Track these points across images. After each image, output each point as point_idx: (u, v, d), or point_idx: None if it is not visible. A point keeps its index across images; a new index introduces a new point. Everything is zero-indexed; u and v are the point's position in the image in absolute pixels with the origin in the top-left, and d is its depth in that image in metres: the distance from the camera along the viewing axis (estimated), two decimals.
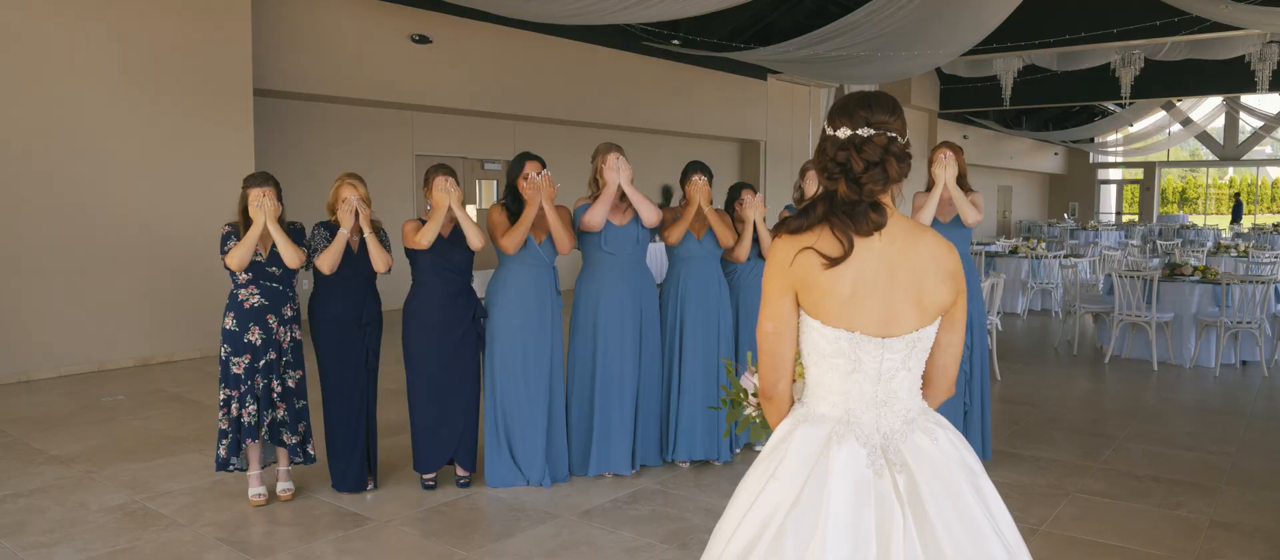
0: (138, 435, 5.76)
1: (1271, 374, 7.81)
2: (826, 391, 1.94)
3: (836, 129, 1.89)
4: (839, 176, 1.88)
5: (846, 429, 1.89)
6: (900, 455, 1.88)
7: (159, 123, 8.20)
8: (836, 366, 1.91)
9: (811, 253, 1.86)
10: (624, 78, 13.92)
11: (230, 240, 4.28)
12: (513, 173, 4.73)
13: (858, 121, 1.86)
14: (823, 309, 1.88)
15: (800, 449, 1.89)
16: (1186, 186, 43.00)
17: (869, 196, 1.86)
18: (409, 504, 4.49)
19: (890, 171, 1.86)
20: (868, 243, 1.86)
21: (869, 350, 1.89)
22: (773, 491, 1.87)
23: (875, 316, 1.88)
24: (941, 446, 1.92)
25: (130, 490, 4.67)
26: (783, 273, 1.91)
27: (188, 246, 8.33)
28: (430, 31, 11.00)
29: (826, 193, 1.90)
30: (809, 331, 1.93)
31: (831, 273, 1.85)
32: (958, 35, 13.02)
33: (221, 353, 4.33)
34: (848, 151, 1.86)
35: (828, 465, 1.85)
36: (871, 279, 1.87)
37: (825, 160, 1.90)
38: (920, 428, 1.93)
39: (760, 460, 1.98)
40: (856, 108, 1.88)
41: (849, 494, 1.82)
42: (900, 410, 1.93)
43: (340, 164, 10.77)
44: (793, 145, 18.18)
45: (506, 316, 4.66)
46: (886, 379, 1.91)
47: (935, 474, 1.87)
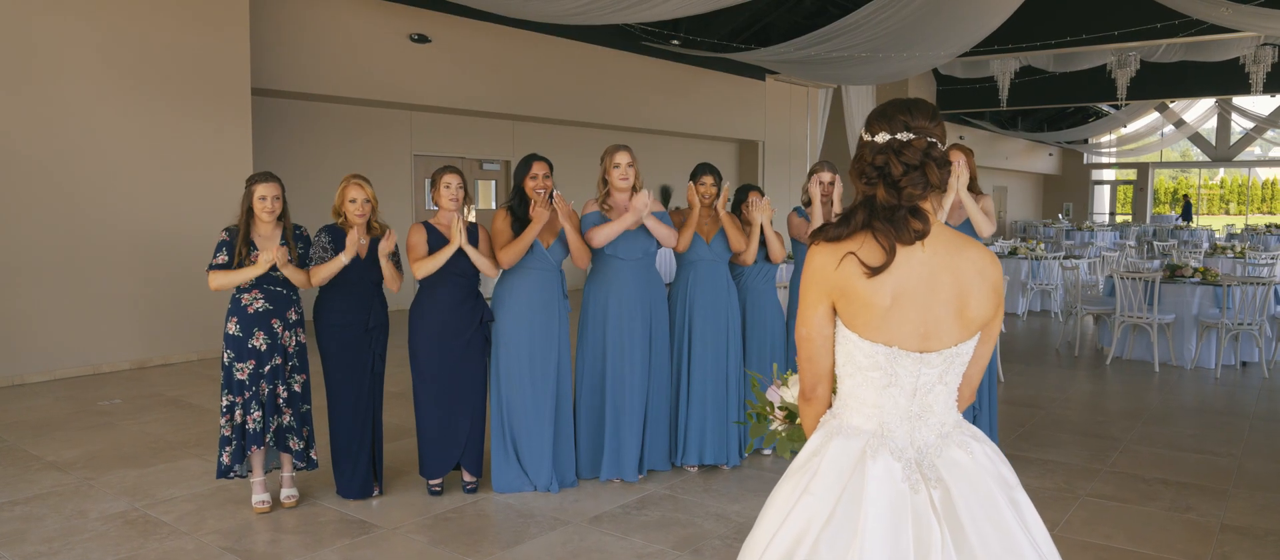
0: (136, 440, 5.69)
1: (1271, 375, 7.81)
2: (861, 403, 1.90)
3: (875, 134, 1.86)
4: (877, 181, 1.85)
5: (881, 443, 1.86)
6: (935, 470, 1.85)
7: (155, 122, 8.13)
8: (872, 380, 1.87)
9: (853, 259, 1.82)
10: (623, 78, 13.88)
11: (221, 251, 4.18)
12: (519, 175, 4.66)
13: (897, 126, 1.84)
14: (861, 321, 1.84)
15: (834, 463, 1.86)
16: (1178, 187, 43.14)
17: (908, 201, 1.83)
18: (415, 510, 4.44)
19: (930, 176, 1.83)
20: (910, 252, 1.82)
21: (906, 365, 1.85)
22: (806, 506, 1.83)
23: (914, 330, 1.84)
24: (977, 460, 1.88)
25: (130, 497, 4.61)
26: (822, 280, 1.87)
27: (185, 247, 8.26)
28: (429, 31, 10.95)
29: (866, 199, 1.86)
30: (845, 343, 1.89)
31: (872, 282, 1.81)
32: (956, 36, 13.03)
33: (224, 358, 4.27)
34: (887, 156, 1.83)
35: (863, 480, 1.81)
36: (912, 290, 1.83)
37: (863, 165, 1.87)
38: (955, 441, 1.90)
39: (791, 473, 1.94)
40: (896, 113, 1.86)
41: (885, 510, 1.78)
42: (935, 424, 1.90)
43: (339, 164, 10.72)
44: (791, 146, 18.17)
45: (514, 321, 4.61)
46: (922, 393, 1.87)
47: (971, 488, 1.84)
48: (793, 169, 18.19)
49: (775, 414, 2.27)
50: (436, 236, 4.50)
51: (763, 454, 5.34)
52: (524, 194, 4.64)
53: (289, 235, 4.37)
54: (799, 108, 18.31)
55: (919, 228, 1.82)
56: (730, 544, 4.03)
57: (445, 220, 4.56)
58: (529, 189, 4.62)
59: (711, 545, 4.01)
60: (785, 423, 2.25)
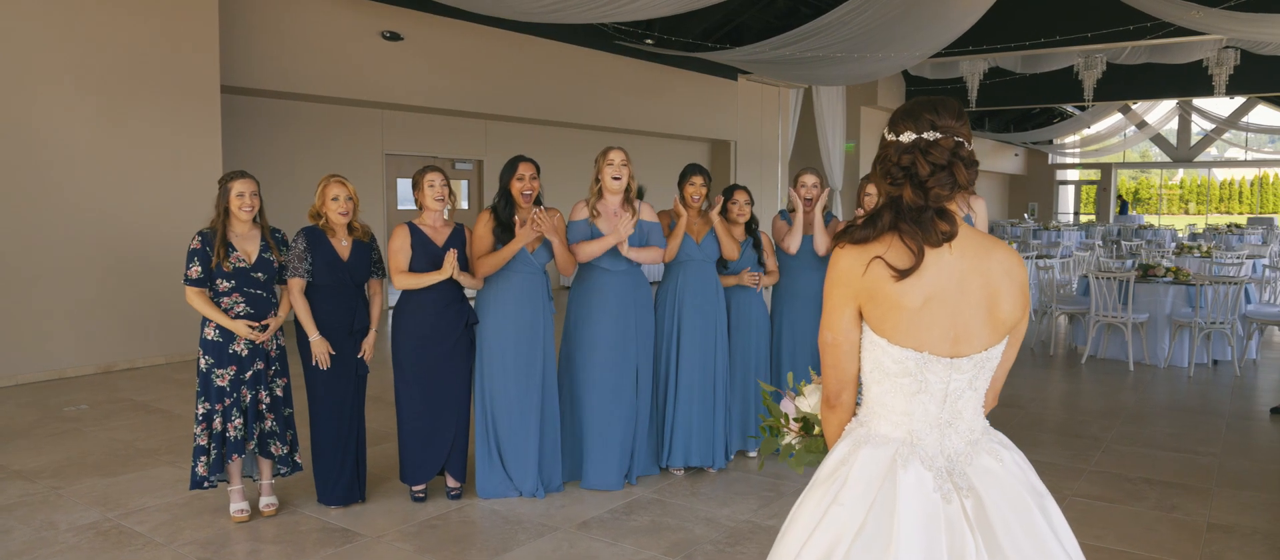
0: (105, 447, 5.52)
1: (1243, 373, 7.93)
2: (889, 411, 1.85)
3: (900, 134, 1.82)
4: (903, 182, 1.80)
5: (911, 451, 1.81)
6: (966, 478, 1.81)
7: (121, 121, 7.91)
8: (902, 387, 1.82)
9: (881, 263, 1.77)
10: (597, 77, 13.80)
11: (194, 262, 4.04)
12: (505, 176, 4.56)
13: (923, 125, 1.79)
14: (890, 324, 1.79)
15: (863, 472, 1.81)
16: (1139, 187, 43.93)
17: (935, 201, 1.78)
18: (399, 517, 4.34)
19: (958, 176, 1.78)
20: (938, 254, 1.78)
21: (937, 371, 1.80)
22: (836, 517, 1.78)
23: (944, 334, 1.79)
24: (1008, 468, 1.84)
25: (101, 507, 4.46)
26: (848, 283, 1.82)
27: (151, 249, 8.05)
28: (402, 28, 10.79)
29: (891, 200, 1.81)
30: (873, 349, 1.84)
31: (901, 285, 1.76)
32: (928, 37, 13.11)
33: (201, 364, 4.13)
34: (913, 155, 1.79)
35: (894, 490, 1.76)
36: (942, 293, 1.78)
37: (889, 166, 1.82)
38: (985, 449, 1.86)
39: (818, 482, 1.88)
40: (922, 112, 1.81)
41: (918, 521, 1.73)
42: (964, 431, 1.86)
43: (309, 163, 10.53)
44: (763, 145, 18.19)
45: (499, 324, 4.52)
46: (952, 399, 1.83)
47: (1003, 496, 1.79)
48: (764, 169, 18.22)
49: (790, 427, 2.20)
50: (422, 239, 4.40)
51: (749, 456, 5.30)
52: (509, 195, 4.54)
53: (268, 236, 4.24)
54: (770, 108, 18.35)
55: (946, 229, 1.78)
56: (722, 549, 3.98)
57: (431, 221, 4.46)
58: (516, 192, 4.52)
59: (703, 550, 3.96)
60: (801, 435, 2.19)
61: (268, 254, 4.20)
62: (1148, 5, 9.95)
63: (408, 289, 4.37)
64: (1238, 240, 18.43)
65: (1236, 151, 32.24)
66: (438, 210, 4.43)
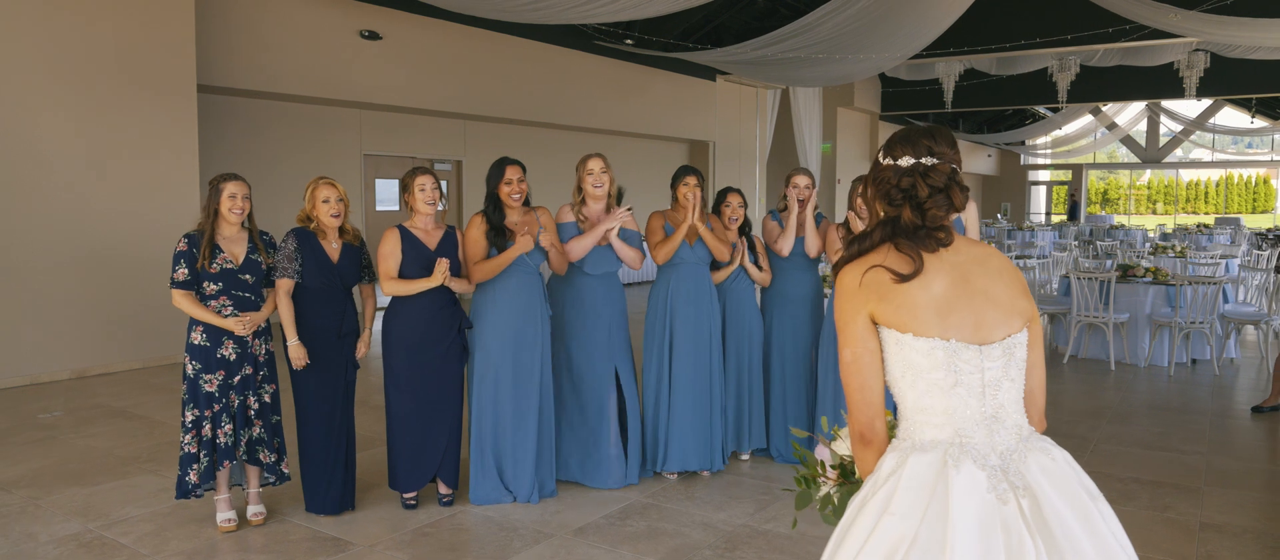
0: (83, 455, 5.38)
1: (1222, 372, 8.02)
2: (930, 414, 1.82)
3: (898, 159, 1.90)
4: (903, 203, 1.88)
5: (961, 451, 1.77)
6: (1022, 477, 1.76)
7: (95, 119, 7.74)
8: (937, 383, 1.80)
9: (880, 269, 1.83)
10: (576, 77, 13.73)
11: (180, 264, 3.94)
12: (493, 180, 4.50)
13: (921, 150, 1.89)
14: (907, 317, 1.80)
15: (914, 478, 1.76)
16: (1108, 187, 44.55)
17: (933, 222, 1.87)
18: (391, 525, 4.26)
19: (954, 199, 1.88)
20: (937, 258, 1.85)
21: (968, 359, 1.79)
22: (889, 528, 1.72)
23: (964, 321, 1.81)
24: (1061, 466, 1.81)
25: (82, 518, 4.34)
26: (852, 294, 1.87)
27: (127, 250, 7.89)
28: (380, 27, 10.67)
29: (888, 219, 1.89)
30: (900, 348, 1.81)
31: (909, 285, 1.81)
32: (905, 39, 13.18)
33: (188, 370, 4.03)
34: (913, 178, 1.87)
35: (947, 494, 1.71)
36: (950, 290, 1.83)
37: (887, 188, 1.90)
38: (1036, 447, 1.83)
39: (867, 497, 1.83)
40: (919, 138, 1.90)
41: (973, 525, 1.68)
42: (1012, 427, 1.83)
43: (287, 164, 10.38)
44: (741, 146, 18.21)
45: (495, 327, 4.45)
46: (991, 391, 1.81)
47: (1061, 496, 1.75)
48: (742, 169, 18.24)
49: (827, 474, 2.14)
50: (413, 243, 4.32)
51: (741, 458, 5.27)
52: (498, 199, 4.49)
53: (256, 238, 4.15)
54: (748, 108, 18.37)
55: (943, 237, 1.87)
56: (721, 554, 3.94)
57: (422, 224, 4.38)
58: (505, 195, 4.47)
59: (702, 555, 3.92)
60: (840, 482, 2.13)
61: (255, 256, 4.11)
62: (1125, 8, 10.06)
63: (396, 294, 4.29)
64: (1207, 240, 18.71)
65: (1201, 153, 32.81)
66: (428, 214, 4.36)
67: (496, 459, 4.50)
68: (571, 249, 4.64)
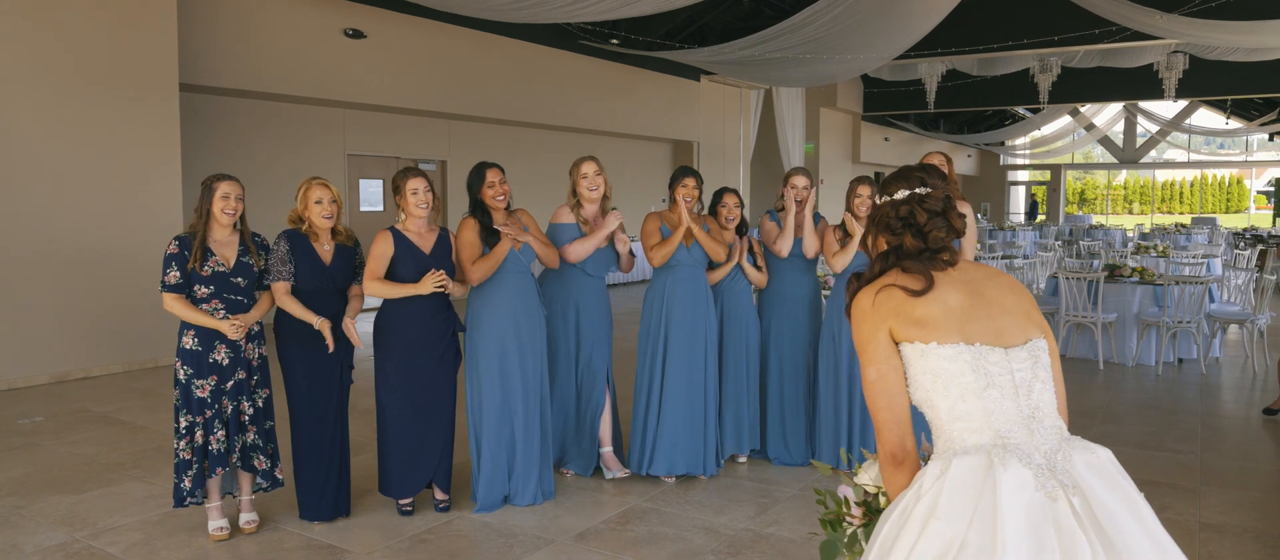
0: (66, 462, 5.26)
1: (1208, 371, 8.08)
2: (968, 419, 1.78)
3: (894, 193, 2.00)
4: (903, 231, 1.95)
5: (1005, 451, 1.73)
6: (1069, 475, 1.72)
7: (76, 119, 7.59)
8: (969, 386, 1.77)
9: (893, 288, 1.88)
10: (561, 77, 13.67)
11: (172, 267, 3.84)
12: (475, 185, 4.44)
13: (914, 182, 1.98)
14: (928, 328, 1.81)
15: (959, 480, 1.72)
16: (1085, 187, 45.01)
17: (935, 243, 1.93)
18: (388, 533, 4.18)
19: (953, 222, 1.95)
20: (946, 275, 1.90)
21: (995, 360, 1.78)
22: (936, 533, 1.68)
23: (983, 329, 1.82)
24: (1105, 464, 1.78)
25: (69, 527, 4.23)
26: (868, 315, 1.90)
27: (107, 252, 7.74)
28: (364, 26, 10.55)
29: (891, 249, 1.96)
30: (925, 359, 1.79)
31: (924, 299, 1.85)
32: (891, 40, 13.21)
33: (180, 375, 3.93)
34: (911, 206, 1.95)
35: (995, 494, 1.67)
36: (965, 301, 1.86)
37: (890, 220, 1.97)
38: (1078, 446, 1.80)
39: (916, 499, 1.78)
40: (912, 172, 2.01)
41: (1024, 524, 1.64)
42: (1052, 427, 1.80)
43: (270, 164, 10.24)
44: (725, 146, 18.20)
45: (490, 330, 4.38)
46: (1025, 392, 1.79)
47: (1110, 492, 1.72)
48: (726, 170, 18.23)
49: (852, 513, 2.10)
50: (407, 246, 4.23)
51: (738, 461, 5.23)
52: (481, 204, 4.43)
53: (248, 240, 4.06)
54: (732, 109, 18.37)
55: (948, 258, 1.93)
56: (725, 559, 3.90)
57: (415, 227, 4.30)
58: (488, 199, 4.43)
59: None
60: (865, 521, 2.08)
61: (247, 259, 4.01)
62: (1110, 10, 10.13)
63: (378, 296, 4.20)
64: (1186, 240, 18.90)
65: (1175, 153, 33.18)
66: (422, 217, 4.28)
67: (494, 463, 4.43)
68: (570, 252, 4.67)
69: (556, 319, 4.75)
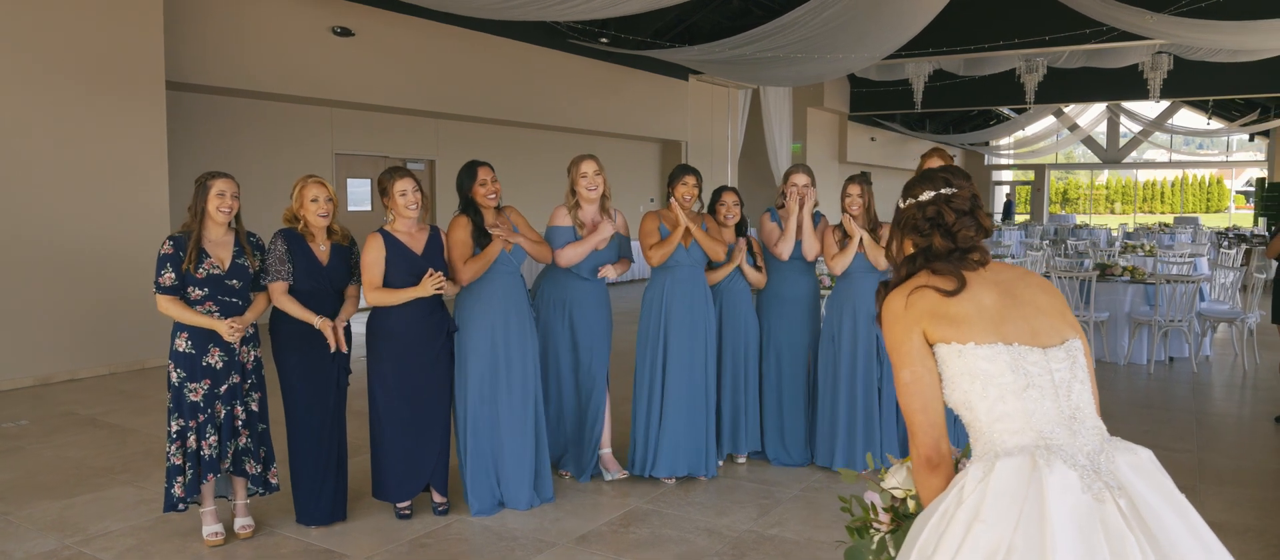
0: (54, 467, 5.16)
1: (1199, 370, 8.11)
2: (1009, 420, 1.75)
3: (919, 196, 1.97)
4: (932, 231, 1.93)
5: (1049, 452, 1.69)
6: (1114, 476, 1.68)
7: (61, 117, 7.46)
8: (1008, 386, 1.74)
9: (926, 289, 1.85)
10: (550, 76, 13.60)
11: (167, 268, 3.76)
12: (465, 184, 4.39)
13: (939, 183, 1.96)
14: (965, 328, 1.78)
15: (1003, 482, 1.68)
16: (1067, 187, 45.32)
17: (964, 243, 1.90)
18: (386, 537, 4.11)
19: (981, 221, 1.93)
20: (978, 275, 1.87)
21: (1034, 360, 1.75)
22: (981, 537, 1.63)
23: (1020, 329, 1.79)
24: (1148, 465, 1.74)
25: (59, 533, 4.14)
26: (901, 316, 1.87)
27: (93, 252, 7.62)
28: (352, 24, 10.45)
29: (920, 250, 1.94)
30: (962, 360, 1.76)
31: (958, 299, 1.82)
32: (881, 40, 13.22)
33: (173, 378, 3.84)
34: (939, 206, 1.93)
35: (1042, 496, 1.63)
36: (999, 301, 1.83)
37: (918, 221, 1.94)
38: (1120, 447, 1.76)
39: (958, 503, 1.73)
40: (936, 174, 1.99)
41: (1072, 527, 1.60)
42: (1093, 428, 1.76)
43: (258, 163, 10.12)
44: (712, 146, 18.18)
45: (482, 330, 4.33)
46: (1064, 392, 1.76)
47: (1155, 493, 1.68)
48: (714, 169, 18.20)
49: (880, 519, 2.06)
50: (399, 248, 4.17)
51: (737, 461, 5.19)
52: (473, 203, 4.38)
53: (243, 240, 3.98)
54: (720, 108, 18.36)
55: (978, 258, 1.90)
56: None
57: (405, 227, 4.23)
58: (480, 197, 4.38)
59: None
60: (893, 527, 2.04)
61: (242, 260, 3.94)
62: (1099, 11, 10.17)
63: (383, 305, 4.14)
64: (1170, 239, 19.03)
65: (1155, 153, 33.47)
66: (411, 218, 4.22)
67: (492, 464, 4.38)
68: (563, 256, 4.62)
69: (554, 321, 4.68)
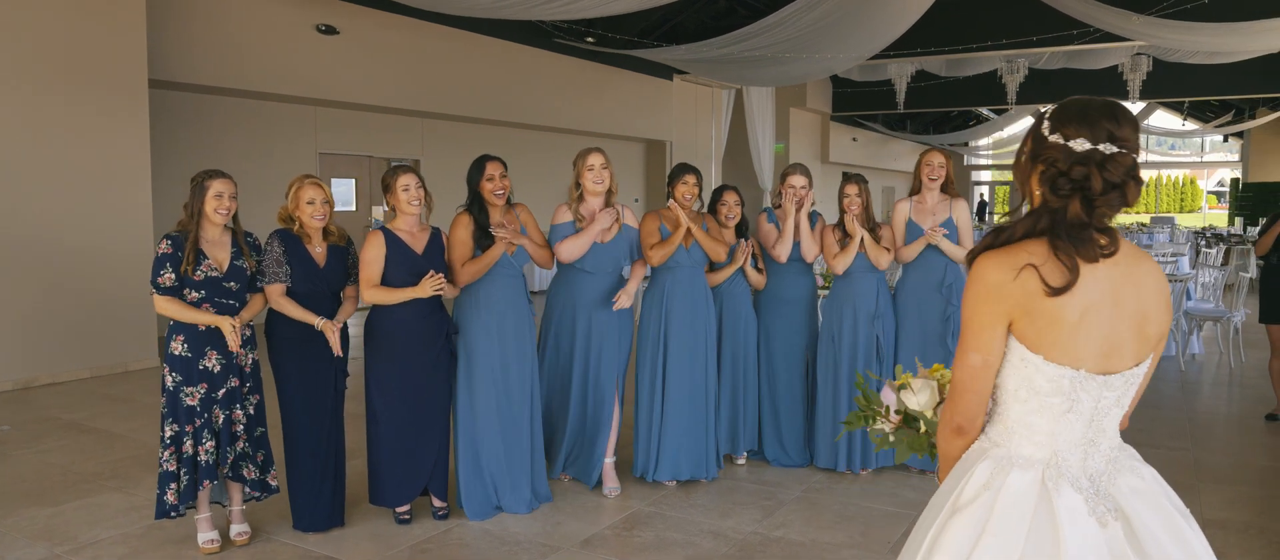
0: (38, 473, 5.04)
1: (1187, 368, 8.18)
2: (1033, 432, 1.72)
3: (1070, 139, 1.64)
4: (1071, 195, 1.64)
5: (1058, 474, 1.69)
6: (1112, 499, 1.69)
7: (42, 115, 7.31)
8: (1052, 407, 1.69)
9: (1033, 273, 1.62)
10: (535, 75, 13.52)
11: (166, 268, 3.66)
12: (474, 178, 4.32)
13: (1100, 134, 1.63)
14: (1047, 341, 1.65)
15: (1013, 499, 1.66)
16: None
17: (1100, 220, 1.65)
18: (386, 543, 4.04)
19: (1129, 195, 1.65)
20: (1093, 268, 1.64)
21: (1089, 389, 1.68)
22: (991, 551, 1.63)
23: (1097, 349, 1.67)
24: (1151, 486, 1.74)
25: (48, 542, 4.03)
26: (999, 297, 1.66)
27: (75, 253, 7.48)
28: (337, 22, 10.33)
29: (1048, 209, 1.66)
30: (1024, 366, 1.70)
31: (1058, 300, 1.63)
32: (867, 40, 13.25)
33: (168, 382, 3.75)
34: (1088, 168, 1.62)
35: (1053, 520, 1.63)
36: (1096, 306, 1.65)
37: (1055, 174, 1.64)
38: (1124, 467, 1.75)
39: (958, 508, 1.73)
40: (1099, 118, 1.64)
41: (1083, 552, 1.60)
42: (1105, 449, 1.74)
43: (241, 162, 9.96)
44: (696, 146, 18.15)
45: (482, 332, 4.25)
46: (1099, 418, 1.71)
47: (1155, 517, 1.69)
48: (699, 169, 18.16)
49: (889, 417, 2.07)
50: (399, 247, 4.10)
51: (737, 462, 5.15)
52: (480, 198, 4.31)
53: (241, 241, 3.90)
54: (704, 108, 18.34)
55: (1105, 245, 1.66)
56: None
57: (406, 226, 4.17)
58: (487, 193, 4.30)
59: None
60: (899, 426, 2.07)
61: (240, 261, 3.85)
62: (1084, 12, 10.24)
63: (380, 303, 4.07)
64: (1148, 238, 19.23)
65: None
66: (413, 215, 4.15)
67: (490, 469, 4.31)
68: (562, 250, 4.49)
69: (562, 323, 4.59)
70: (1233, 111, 24.68)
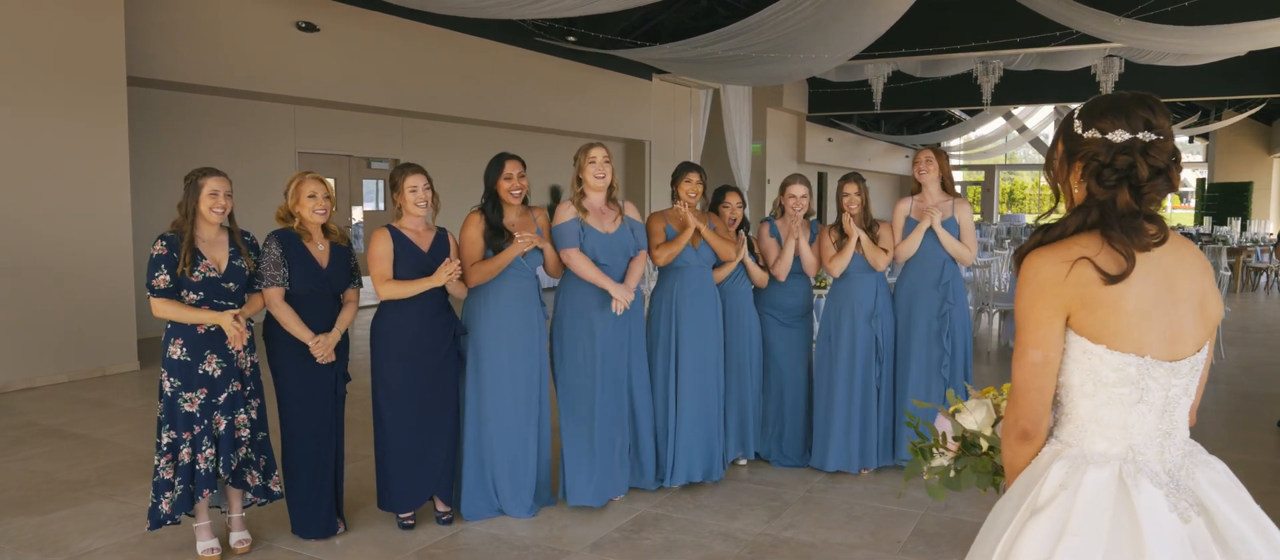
0: (23, 480, 4.88)
1: None
2: (1105, 427, 1.69)
3: (1108, 132, 1.68)
4: (1119, 185, 1.66)
5: (1136, 469, 1.66)
6: (1192, 494, 1.66)
7: (17, 114, 7.10)
8: (1120, 398, 1.67)
9: (1088, 264, 1.64)
10: (516, 75, 13.41)
11: (161, 269, 3.55)
12: (491, 176, 4.24)
13: (1137, 123, 1.67)
14: (1109, 330, 1.65)
15: (1092, 496, 1.63)
16: (1014, 187, 46.26)
17: (1148, 207, 1.68)
18: (390, 548, 3.95)
19: (1173, 180, 1.68)
20: (1146, 256, 1.66)
21: (1158, 377, 1.66)
22: (1072, 552, 1.59)
23: (1162, 335, 1.66)
24: (1225, 479, 1.72)
25: (39, 552, 3.90)
26: (1054, 292, 1.67)
27: (49, 254, 7.28)
28: (317, 19, 10.17)
29: (1095, 203, 1.68)
30: (1088, 358, 1.68)
31: (1115, 288, 1.64)
32: (847, 41, 13.31)
33: (166, 387, 3.63)
34: (1133, 156, 1.66)
35: (1134, 517, 1.60)
36: (1154, 295, 1.67)
37: (1097, 166, 1.67)
38: (1199, 460, 1.73)
39: (1034, 509, 1.69)
40: (1135, 108, 1.68)
41: (1168, 549, 1.57)
42: (1180, 442, 1.72)
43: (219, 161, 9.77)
44: (675, 146, 18.13)
45: (492, 335, 4.18)
46: (1170, 408, 1.69)
47: (1235, 511, 1.66)
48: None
49: (948, 447, 2.01)
50: (405, 245, 4.02)
51: (738, 464, 5.12)
52: (497, 197, 4.23)
53: (238, 240, 3.80)
54: (682, 108, 18.33)
55: (1155, 232, 1.67)
56: None
57: (412, 225, 4.09)
58: (504, 192, 4.22)
59: None
60: (959, 454, 2.00)
61: (238, 262, 3.75)
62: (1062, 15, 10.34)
63: (394, 298, 3.99)
64: None
65: None
66: (420, 215, 4.08)
67: (495, 473, 4.24)
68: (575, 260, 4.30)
69: (579, 329, 4.35)
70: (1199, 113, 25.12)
